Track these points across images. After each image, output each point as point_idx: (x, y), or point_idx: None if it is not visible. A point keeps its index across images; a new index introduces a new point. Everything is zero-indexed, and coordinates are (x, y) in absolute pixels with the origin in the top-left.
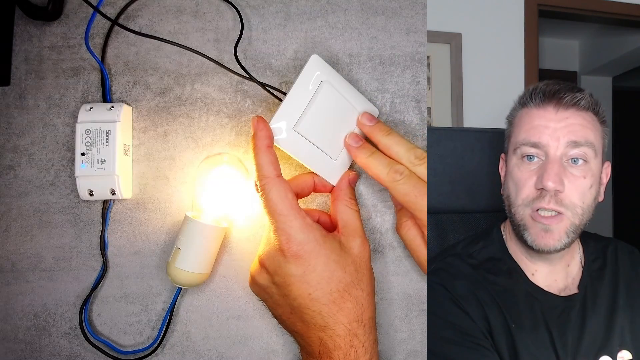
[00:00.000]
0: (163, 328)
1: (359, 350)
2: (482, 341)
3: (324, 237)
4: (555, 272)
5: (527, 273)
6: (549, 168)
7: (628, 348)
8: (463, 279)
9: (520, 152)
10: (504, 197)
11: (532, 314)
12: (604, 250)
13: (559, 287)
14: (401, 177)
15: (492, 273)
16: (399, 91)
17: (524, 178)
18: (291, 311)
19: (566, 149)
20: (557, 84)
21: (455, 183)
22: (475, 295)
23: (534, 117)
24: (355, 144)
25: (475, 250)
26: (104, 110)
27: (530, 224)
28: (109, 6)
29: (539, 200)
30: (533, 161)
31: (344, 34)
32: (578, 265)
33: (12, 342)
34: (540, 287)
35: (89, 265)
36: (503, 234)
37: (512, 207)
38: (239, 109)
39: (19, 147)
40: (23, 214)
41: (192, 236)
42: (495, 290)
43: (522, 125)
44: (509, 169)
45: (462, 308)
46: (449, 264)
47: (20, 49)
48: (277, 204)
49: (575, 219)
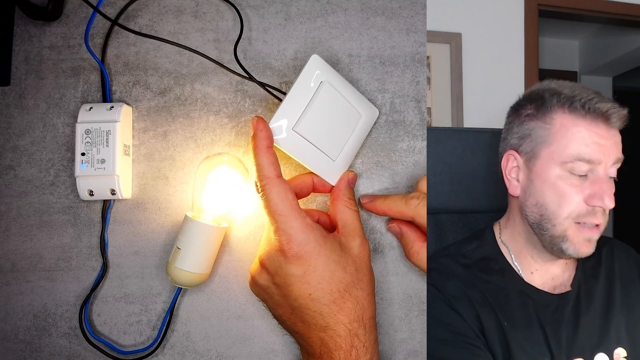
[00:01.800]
0: (163, 328)
1: (360, 350)
2: (474, 340)
3: (324, 237)
4: (553, 270)
5: (526, 272)
6: (606, 187)
7: (624, 345)
8: (455, 279)
9: (572, 166)
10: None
11: (525, 312)
12: (600, 248)
13: (554, 285)
14: (419, 200)
15: (484, 272)
16: (399, 91)
17: (571, 192)
18: (292, 311)
19: (612, 166)
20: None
21: (454, 183)
22: (466, 295)
23: (586, 132)
24: (369, 200)
25: (468, 250)
26: (104, 110)
27: (573, 234)
28: (109, 6)
29: (591, 216)
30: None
31: (344, 34)
32: (574, 262)
33: (12, 342)
34: (533, 286)
35: (89, 265)
36: (496, 233)
37: (554, 219)
38: (239, 109)
39: (19, 147)
40: (23, 214)
41: (192, 236)
42: (487, 290)
43: (572, 137)
44: (549, 179)
45: (454, 308)
46: (441, 264)
47: (20, 49)
48: (277, 205)
49: (603, 226)
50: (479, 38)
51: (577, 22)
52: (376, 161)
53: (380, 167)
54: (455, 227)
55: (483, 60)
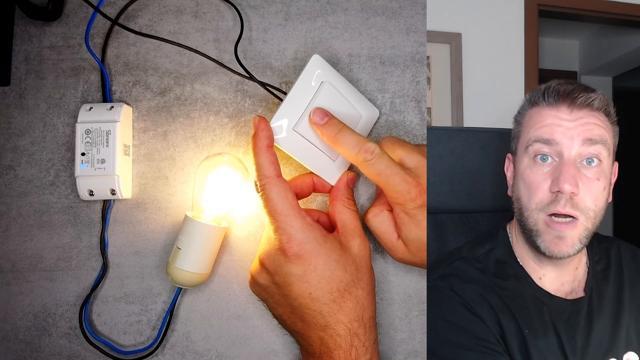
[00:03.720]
0: (163, 328)
1: (360, 350)
2: (495, 346)
3: (324, 236)
4: (563, 275)
5: (534, 277)
6: (564, 170)
7: (634, 349)
8: (473, 283)
9: (532, 150)
10: (514, 200)
11: (541, 319)
12: (608, 250)
13: (566, 291)
14: (372, 156)
15: (500, 277)
16: (399, 91)
17: (537, 181)
18: (292, 311)
19: (581, 148)
20: (570, 83)
21: (454, 183)
22: (486, 300)
23: (546, 116)
24: (321, 121)
25: (481, 253)
26: (104, 110)
27: (543, 230)
28: (109, 6)
29: (554, 204)
30: (546, 162)
31: (344, 34)
32: (584, 267)
33: (12, 342)
34: (547, 292)
35: (89, 265)
36: (509, 235)
37: (525, 212)
38: (239, 109)
39: (19, 147)
40: (23, 214)
41: (192, 236)
42: (505, 295)
43: (534, 124)
44: (520, 170)
45: (475, 312)
46: (457, 269)
47: (20, 49)
48: (277, 204)
49: (588, 223)
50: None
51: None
52: None
53: None
54: (455, 227)
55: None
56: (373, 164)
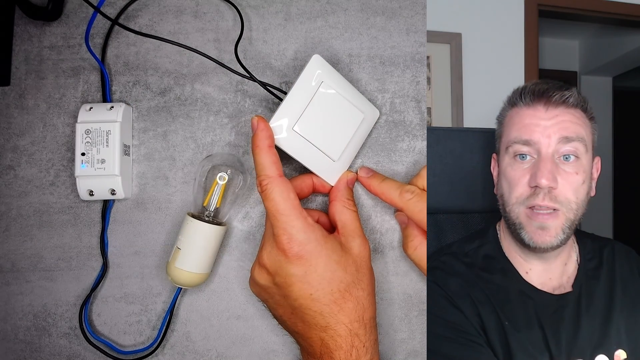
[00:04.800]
0: (163, 328)
1: (360, 351)
2: (475, 338)
3: (325, 237)
4: (550, 270)
5: (521, 271)
6: (542, 166)
7: (624, 347)
8: (457, 277)
9: (512, 150)
10: (498, 197)
11: (526, 312)
12: (601, 250)
13: (553, 286)
14: (412, 195)
15: (486, 271)
16: (399, 91)
17: (517, 177)
18: (292, 311)
19: (558, 145)
20: (546, 83)
21: (454, 183)
22: (468, 293)
23: (524, 116)
24: (366, 175)
25: (471, 249)
26: (104, 110)
27: (525, 222)
28: (109, 6)
29: (533, 198)
30: (525, 160)
31: (344, 34)
32: (574, 264)
33: (12, 342)
34: (533, 286)
35: (89, 265)
36: (498, 232)
37: (507, 206)
38: (239, 109)
39: (19, 147)
40: (23, 214)
41: (192, 236)
42: (489, 289)
43: (513, 125)
44: (502, 168)
45: (456, 305)
46: (443, 263)
47: (20, 49)
48: (279, 204)
49: (570, 214)
50: (479, 38)
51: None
52: (376, 161)
53: (380, 167)
54: (454, 227)
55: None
56: (415, 202)
